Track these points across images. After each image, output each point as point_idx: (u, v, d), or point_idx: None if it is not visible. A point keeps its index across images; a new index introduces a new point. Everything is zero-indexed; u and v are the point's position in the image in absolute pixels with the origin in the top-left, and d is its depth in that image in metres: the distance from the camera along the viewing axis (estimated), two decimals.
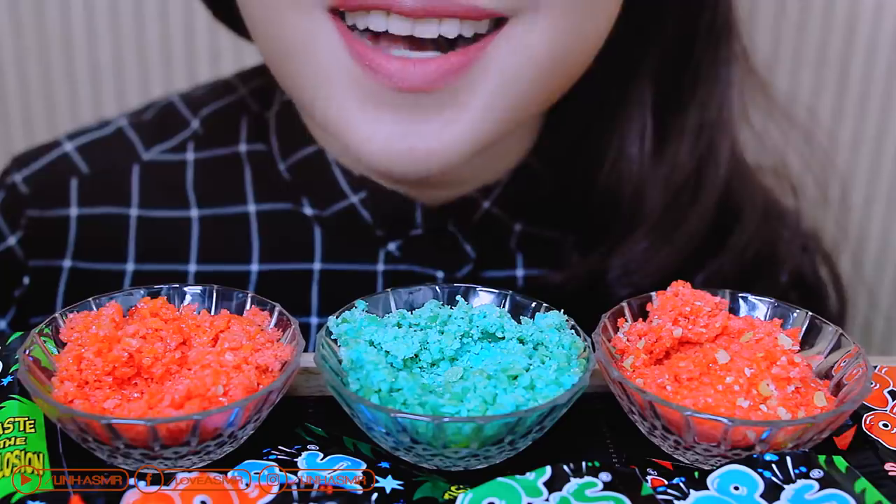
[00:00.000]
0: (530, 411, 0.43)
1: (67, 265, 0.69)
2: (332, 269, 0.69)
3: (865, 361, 0.47)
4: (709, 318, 0.50)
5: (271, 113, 0.71)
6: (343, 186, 0.68)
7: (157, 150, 0.71)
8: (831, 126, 1.13)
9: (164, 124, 0.72)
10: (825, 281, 0.78)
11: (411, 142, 0.55)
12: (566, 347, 0.48)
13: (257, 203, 0.69)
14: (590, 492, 0.40)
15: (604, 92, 0.67)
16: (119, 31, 1.14)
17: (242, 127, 0.71)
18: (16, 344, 0.50)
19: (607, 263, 0.69)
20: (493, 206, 0.69)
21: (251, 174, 0.70)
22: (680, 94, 0.69)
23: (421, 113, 0.54)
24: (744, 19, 0.70)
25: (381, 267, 0.69)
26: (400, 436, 0.43)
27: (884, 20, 1.08)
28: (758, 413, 0.45)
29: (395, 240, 0.68)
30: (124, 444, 0.42)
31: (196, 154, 0.71)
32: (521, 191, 0.70)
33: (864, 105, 1.13)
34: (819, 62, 1.10)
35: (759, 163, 0.75)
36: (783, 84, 1.08)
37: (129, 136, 0.72)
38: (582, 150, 0.71)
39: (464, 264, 0.70)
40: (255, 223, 0.69)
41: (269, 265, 0.69)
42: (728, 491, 0.41)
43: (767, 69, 0.74)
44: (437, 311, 0.51)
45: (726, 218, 0.71)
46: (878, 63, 1.09)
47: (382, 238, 0.68)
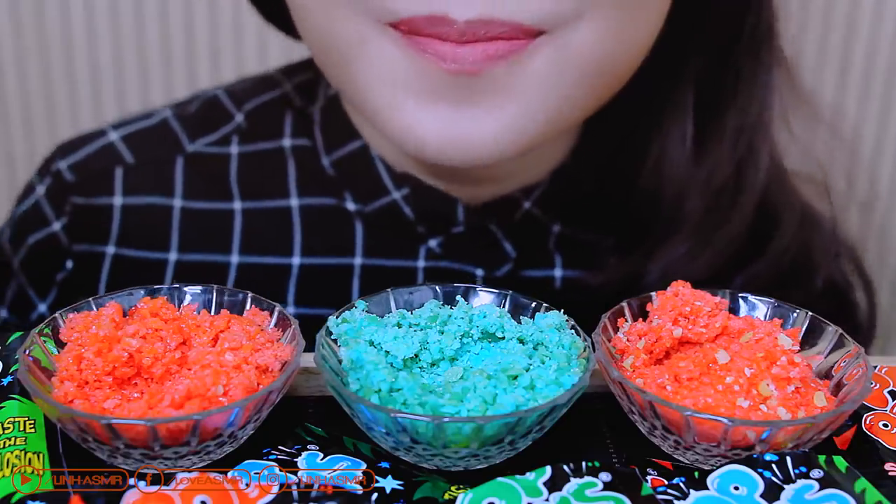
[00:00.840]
0: (530, 411, 0.43)
1: (111, 251, 0.70)
2: (373, 265, 0.70)
3: (865, 361, 0.47)
4: (709, 318, 0.50)
5: (315, 108, 0.72)
6: (386, 182, 0.69)
7: (202, 143, 0.72)
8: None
9: (208, 117, 0.73)
10: (856, 288, 0.78)
11: (459, 129, 0.56)
12: (566, 347, 0.48)
13: (300, 197, 0.70)
14: (590, 492, 0.40)
15: (645, 96, 0.68)
16: (119, 31, 1.14)
17: (286, 122, 0.72)
18: (16, 344, 0.50)
19: (646, 266, 0.70)
20: (534, 207, 0.70)
21: (295, 168, 0.71)
22: (721, 97, 0.69)
23: (468, 101, 0.55)
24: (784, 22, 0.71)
25: (422, 263, 0.70)
26: (400, 436, 0.43)
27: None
28: (758, 413, 0.45)
29: (436, 237, 0.69)
30: (124, 444, 0.42)
31: (240, 148, 0.72)
32: (560, 192, 0.70)
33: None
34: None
35: (794, 168, 0.75)
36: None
37: (173, 128, 0.73)
38: (622, 154, 0.71)
39: (503, 263, 0.70)
40: (297, 217, 0.70)
41: (310, 259, 0.70)
42: (728, 491, 0.41)
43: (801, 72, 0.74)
44: (437, 311, 0.51)
45: (765, 222, 0.71)
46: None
47: (423, 235, 0.69)
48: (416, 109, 0.56)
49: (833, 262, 0.76)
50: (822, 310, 0.51)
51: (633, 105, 0.68)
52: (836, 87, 1.14)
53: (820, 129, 0.75)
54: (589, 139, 0.71)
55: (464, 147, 0.56)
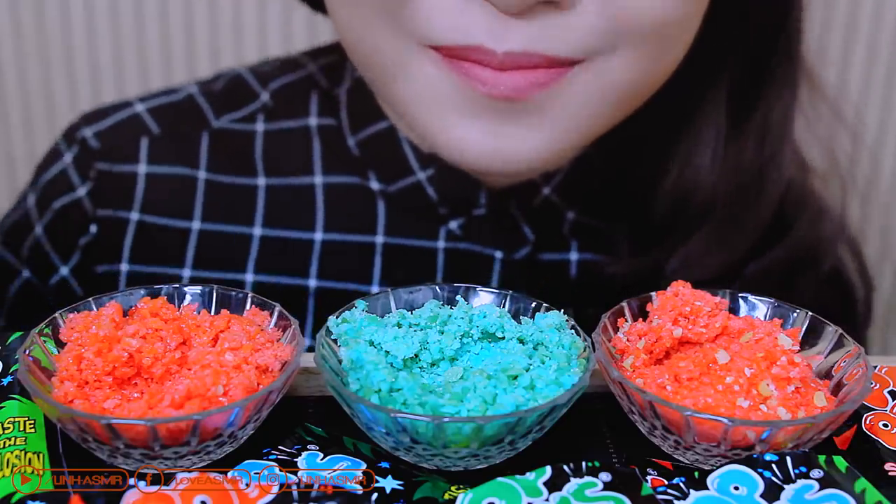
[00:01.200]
0: (530, 411, 0.43)
1: (135, 217, 0.70)
2: (395, 244, 0.71)
3: (865, 361, 0.47)
4: (709, 318, 0.50)
5: (342, 89, 0.73)
6: (411, 162, 0.70)
7: (227, 119, 0.73)
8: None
9: (233, 95, 0.75)
10: (856, 281, 0.80)
11: (499, 143, 0.59)
12: (566, 347, 0.48)
13: (324, 175, 0.72)
14: (590, 492, 0.40)
15: (678, 97, 0.69)
16: (119, 31, 1.14)
17: (312, 101, 0.73)
18: (16, 344, 0.50)
19: (663, 258, 0.71)
20: (553, 193, 0.71)
21: (320, 147, 0.72)
22: (752, 98, 0.70)
23: (509, 119, 0.58)
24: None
25: (442, 244, 0.71)
26: (400, 436, 0.43)
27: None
28: (758, 413, 0.45)
29: (457, 218, 0.71)
30: (124, 444, 0.42)
31: (265, 126, 0.73)
32: (579, 180, 0.72)
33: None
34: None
35: (808, 161, 0.77)
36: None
37: (199, 103, 0.74)
38: (648, 148, 0.73)
39: (522, 246, 0.72)
40: (320, 194, 0.71)
41: (332, 234, 0.71)
42: (728, 491, 0.41)
43: (820, 66, 0.77)
44: (437, 311, 0.51)
45: (782, 217, 0.73)
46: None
47: (445, 216, 0.71)
48: (459, 124, 0.59)
49: (840, 254, 0.77)
50: (826, 297, 0.52)
51: (663, 104, 0.69)
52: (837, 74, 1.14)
53: (834, 122, 0.76)
54: (613, 132, 0.71)
55: (504, 160, 0.59)
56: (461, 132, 0.59)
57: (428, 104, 0.59)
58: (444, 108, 0.59)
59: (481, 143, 0.59)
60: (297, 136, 0.73)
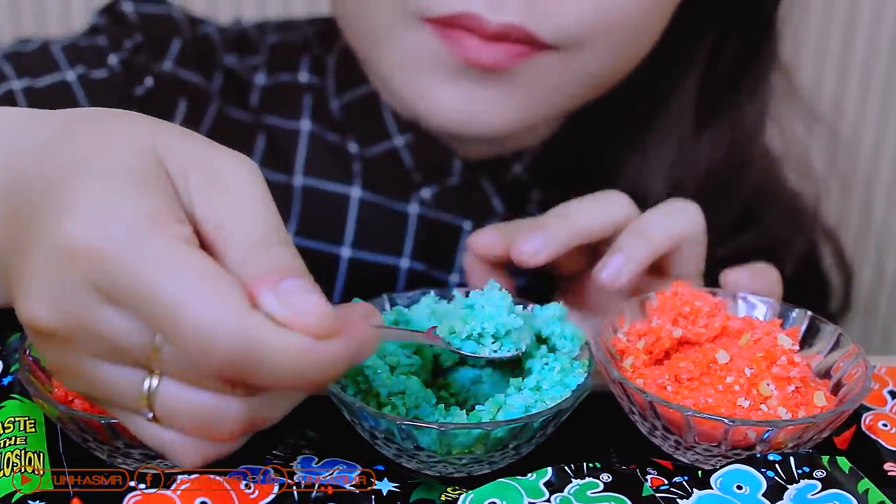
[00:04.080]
0: (535, 416, 0.43)
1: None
2: (370, 201, 0.73)
3: (865, 361, 0.47)
4: (708, 318, 0.50)
5: (331, 56, 0.75)
6: (390, 127, 0.72)
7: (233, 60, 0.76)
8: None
9: (240, 44, 0.77)
10: (830, 272, 0.82)
11: (477, 108, 0.63)
12: (569, 339, 0.48)
13: (313, 123, 0.74)
14: (591, 492, 0.40)
15: (643, 77, 0.70)
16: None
17: (304, 60, 0.76)
18: (16, 344, 0.50)
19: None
20: (524, 171, 0.74)
21: (311, 100, 0.75)
22: (720, 94, 0.72)
23: (486, 86, 0.62)
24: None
25: (415, 209, 0.73)
26: (404, 443, 0.43)
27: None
28: (758, 413, 0.45)
29: (430, 185, 0.73)
30: (124, 444, 0.42)
31: (262, 77, 0.76)
32: (548, 160, 0.74)
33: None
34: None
35: (781, 155, 0.79)
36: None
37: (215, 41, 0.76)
38: (617, 133, 0.74)
39: (491, 219, 0.73)
40: (304, 140, 0.74)
41: (311, 180, 0.73)
42: (731, 490, 0.41)
43: (793, 63, 0.78)
44: (434, 306, 0.50)
45: (752, 207, 0.75)
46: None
47: (418, 183, 0.73)
48: (438, 89, 0.63)
49: (811, 247, 0.80)
50: (799, 285, 0.53)
51: (631, 94, 0.71)
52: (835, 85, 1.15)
53: (807, 117, 0.79)
54: (584, 114, 0.73)
55: (478, 123, 0.63)
56: (439, 96, 0.63)
57: (408, 69, 0.63)
58: (424, 73, 0.62)
59: (458, 109, 0.63)
60: (290, 87, 0.75)
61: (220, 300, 0.33)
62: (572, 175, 0.75)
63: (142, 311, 0.34)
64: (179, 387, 0.35)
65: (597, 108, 0.71)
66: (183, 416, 0.35)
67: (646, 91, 0.72)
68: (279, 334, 0.33)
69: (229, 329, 0.33)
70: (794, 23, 0.75)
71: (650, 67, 0.68)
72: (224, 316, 0.33)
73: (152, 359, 0.35)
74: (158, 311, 0.33)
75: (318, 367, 0.34)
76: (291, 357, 0.33)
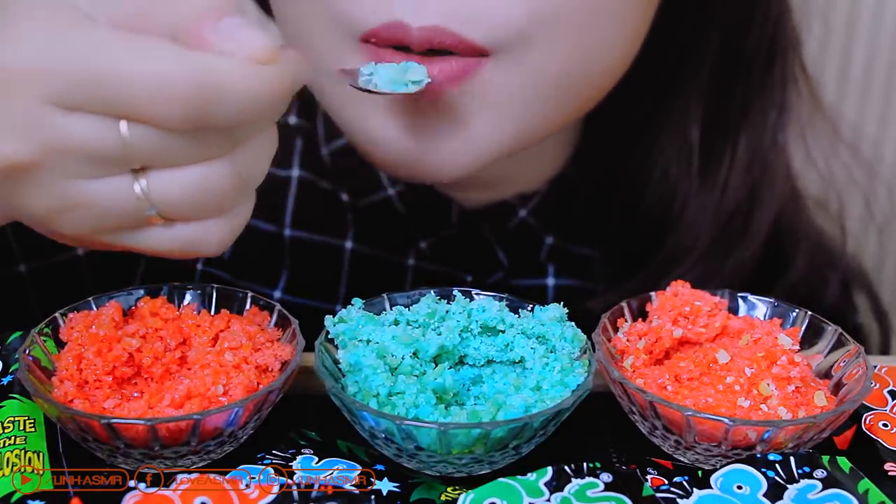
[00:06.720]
0: (535, 416, 0.43)
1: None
2: (364, 252, 0.69)
3: (865, 361, 0.47)
4: (708, 318, 0.50)
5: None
6: (382, 178, 0.68)
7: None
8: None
9: None
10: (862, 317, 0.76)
11: (419, 144, 0.56)
12: (569, 340, 0.48)
13: (301, 170, 0.70)
14: (591, 492, 0.40)
15: (646, 105, 0.67)
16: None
17: (293, 102, 0.71)
18: (16, 343, 0.49)
19: (649, 293, 0.69)
20: (530, 216, 0.69)
21: (301, 144, 0.71)
22: (730, 115, 0.67)
23: (428, 117, 0.55)
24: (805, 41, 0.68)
25: (412, 261, 0.69)
26: (405, 442, 0.43)
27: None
28: (758, 413, 0.45)
29: (428, 237, 0.69)
30: (124, 444, 0.42)
31: None
32: (558, 202, 0.69)
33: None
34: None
35: (809, 192, 0.73)
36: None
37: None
38: (624, 164, 0.70)
39: (495, 271, 0.69)
40: (294, 187, 0.70)
41: (300, 232, 0.70)
42: (731, 490, 0.41)
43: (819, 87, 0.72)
44: (435, 306, 0.50)
45: (777, 251, 0.70)
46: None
47: (415, 235, 0.69)
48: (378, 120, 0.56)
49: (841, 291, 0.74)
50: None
51: (632, 114, 0.67)
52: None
53: (841, 150, 0.72)
54: (588, 149, 0.69)
55: (423, 167, 0.57)
56: (379, 128, 0.56)
57: (349, 99, 0.57)
58: (365, 104, 0.56)
59: (399, 141, 0.56)
60: (280, 131, 0.72)
61: (162, 53, 0.36)
62: (584, 215, 0.70)
63: (99, 100, 0.36)
64: (166, 173, 0.38)
65: (600, 138, 0.67)
66: (183, 197, 0.38)
67: (644, 108, 0.67)
68: (228, 63, 0.37)
69: (180, 72, 0.36)
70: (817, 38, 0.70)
71: (648, 79, 0.63)
72: (171, 64, 0.36)
73: (128, 155, 0.37)
74: (113, 91, 0.36)
75: (270, 87, 0.37)
76: (244, 81, 0.37)
